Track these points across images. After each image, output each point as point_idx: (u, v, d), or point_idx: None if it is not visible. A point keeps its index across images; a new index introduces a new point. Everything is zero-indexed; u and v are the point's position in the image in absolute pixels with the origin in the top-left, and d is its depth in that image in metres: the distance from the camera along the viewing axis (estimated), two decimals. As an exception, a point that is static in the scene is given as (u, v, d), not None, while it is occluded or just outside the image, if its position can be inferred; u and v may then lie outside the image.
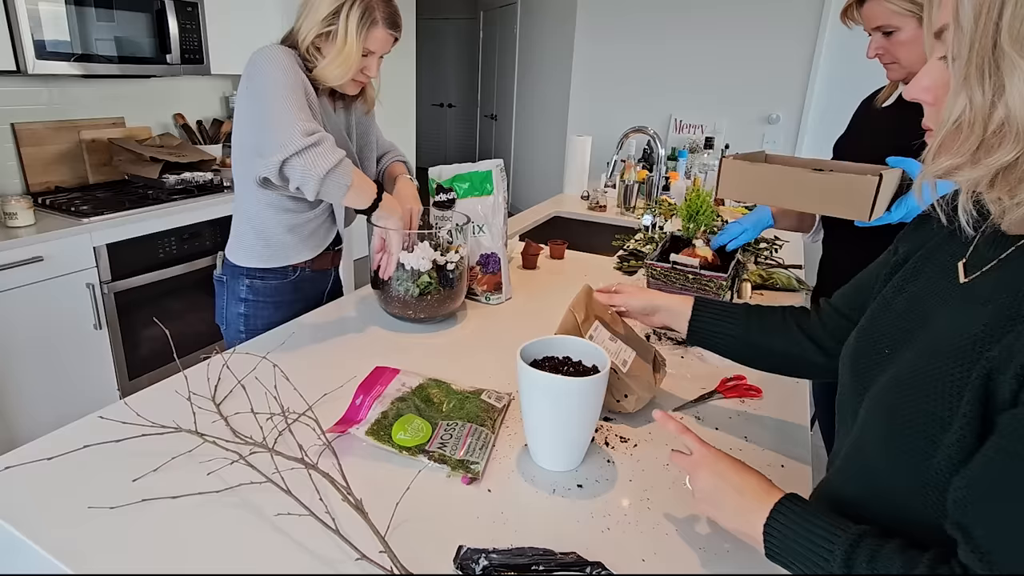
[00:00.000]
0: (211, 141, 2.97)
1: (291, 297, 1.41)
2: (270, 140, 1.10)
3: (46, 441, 0.87)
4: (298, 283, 1.41)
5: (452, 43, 6.92)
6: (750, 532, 0.64)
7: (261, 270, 1.36)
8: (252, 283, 1.37)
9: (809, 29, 3.76)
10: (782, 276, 1.67)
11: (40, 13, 2.01)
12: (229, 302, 1.40)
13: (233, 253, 1.38)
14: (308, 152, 1.09)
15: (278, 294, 1.39)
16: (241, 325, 1.39)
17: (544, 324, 1.37)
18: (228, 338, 1.42)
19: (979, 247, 0.60)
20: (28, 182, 2.34)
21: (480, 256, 1.46)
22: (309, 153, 1.09)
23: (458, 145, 7.26)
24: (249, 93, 1.19)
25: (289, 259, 1.37)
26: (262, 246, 1.35)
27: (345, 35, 1.20)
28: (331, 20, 1.20)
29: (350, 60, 1.22)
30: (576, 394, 0.81)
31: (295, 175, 1.10)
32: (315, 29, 1.21)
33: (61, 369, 2.10)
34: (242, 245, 1.36)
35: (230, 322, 1.41)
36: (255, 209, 1.33)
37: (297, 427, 0.91)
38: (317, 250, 1.41)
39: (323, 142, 1.12)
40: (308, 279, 1.43)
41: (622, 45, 4.36)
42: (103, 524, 0.72)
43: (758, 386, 1.11)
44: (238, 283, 1.38)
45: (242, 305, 1.38)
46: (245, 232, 1.35)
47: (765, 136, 4.05)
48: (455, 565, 0.66)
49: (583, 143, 2.78)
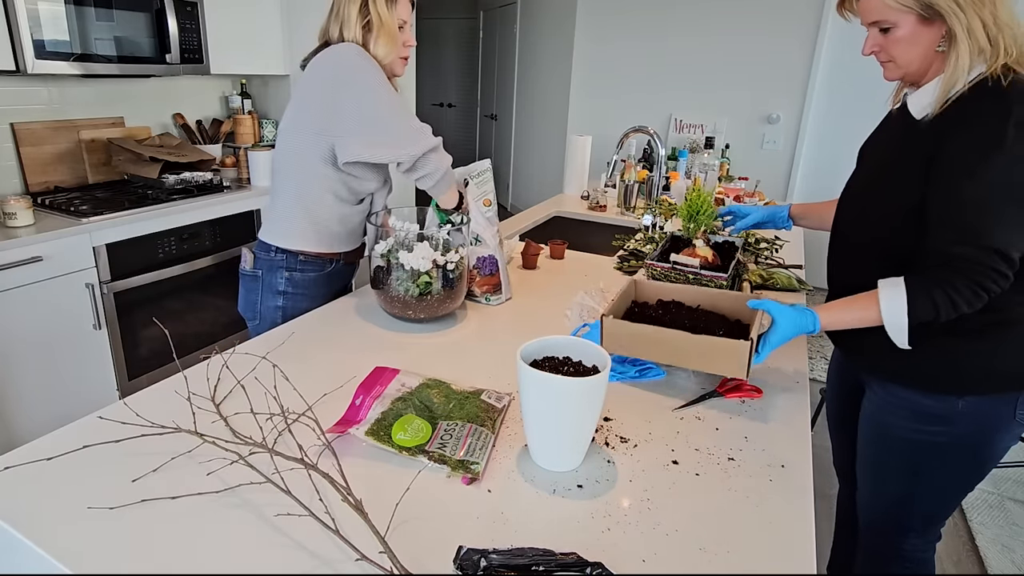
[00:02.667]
0: (211, 141, 2.96)
1: (324, 290, 1.48)
2: (401, 133, 1.28)
3: (46, 441, 0.87)
4: (332, 275, 1.49)
5: (452, 43, 6.91)
6: None
7: (302, 262, 1.43)
8: (291, 275, 1.43)
9: (809, 29, 3.76)
10: (782, 276, 1.66)
11: (40, 13, 2.01)
12: (265, 296, 1.45)
13: (279, 237, 1.42)
14: (440, 150, 1.32)
15: (315, 287, 1.46)
16: (279, 318, 1.44)
17: (544, 324, 1.37)
18: (261, 331, 1.45)
19: None
20: (27, 182, 2.34)
21: (477, 259, 1.46)
22: (440, 151, 1.32)
23: (458, 145, 7.24)
24: (336, 82, 1.29)
25: (333, 247, 1.45)
26: (313, 232, 1.41)
27: (379, 16, 1.33)
28: (365, 12, 1.33)
29: (393, 35, 1.36)
30: (576, 394, 0.81)
31: (428, 167, 1.31)
32: (356, 26, 1.33)
33: (60, 369, 2.10)
34: (293, 229, 1.41)
35: (265, 316, 1.46)
36: (316, 194, 1.39)
37: (297, 427, 0.91)
38: (356, 243, 1.50)
39: (441, 143, 1.32)
40: (339, 272, 1.50)
41: (622, 45, 4.36)
42: (103, 524, 0.72)
43: (758, 386, 1.11)
44: (275, 276, 1.43)
45: (280, 298, 1.44)
46: (296, 216, 1.41)
47: (765, 136, 4.05)
48: (455, 565, 0.66)
49: (583, 143, 2.78)
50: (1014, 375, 1.05)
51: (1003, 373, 1.05)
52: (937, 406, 1.08)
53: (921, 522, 1.20)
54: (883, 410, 1.16)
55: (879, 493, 1.22)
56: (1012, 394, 1.06)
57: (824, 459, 1.63)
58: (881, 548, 1.26)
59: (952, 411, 1.07)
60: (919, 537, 1.22)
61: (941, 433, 1.09)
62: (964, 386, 1.06)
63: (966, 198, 0.93)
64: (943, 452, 1.11)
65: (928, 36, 0.97)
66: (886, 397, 1.15)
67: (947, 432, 1.09)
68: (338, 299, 1.48)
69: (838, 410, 1.43)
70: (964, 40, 0.93)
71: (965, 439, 1.09)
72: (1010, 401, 1.06)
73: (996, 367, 1.04)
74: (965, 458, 1.11)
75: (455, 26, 6.80)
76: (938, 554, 1.97)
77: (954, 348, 1.04)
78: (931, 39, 0.97)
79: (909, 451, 1.13)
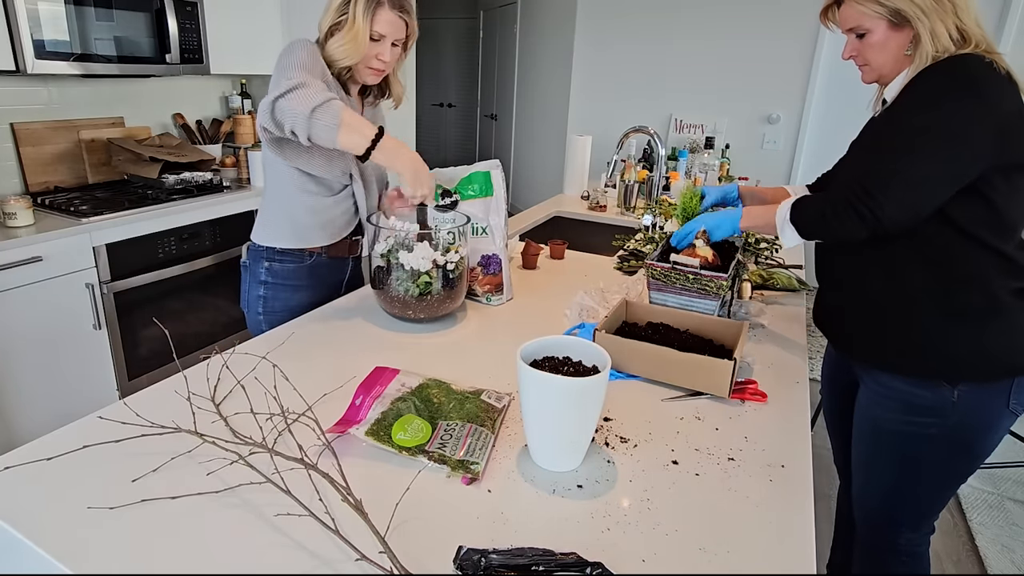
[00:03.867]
0: (210, 141, 2.96)
1: (307, 282, 1.47)
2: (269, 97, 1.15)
3: (46, 441, 0.87)
4: (314, 268, 1.47)
5: (452, 43, 6.91)
6: None
7: (280, 252, 1.43)
8: (271, 266, 1.44)
9: (809, 29, 3.76)
10: (782, 276, 1.66)
11: (39, 13, 2.01)
12: (251, 285, 1.47)
13: (258, 233, 1.45)
14: (295, 92, 1.12)
15: (295, 277, 1.45)
16: (260, 307, 1.46)
17: (544, 324, 1.37)
18: (249, 320, 1.50)
19: None
20: (27, 182, 2.34)
21: (481, 257, 1.46)
22: (296, 93, 1.12)
23: (458, 145, 7.25)
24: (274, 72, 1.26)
25: (308, 241, 1.43)
26: (288, 226, 1.41)
27: (353, 17, 1.28)
28: (343, 8, 1.29)
29: (357, 40, 1.29)
30: (576, 394, 0.81)
31: (285, 117, 1.13)
32: (330, 19, 1.31)
33: (60, 369, 2.10)
34: (268, 225, 1.43)
35: (251, 304, 1.47)
36: (285, 190, 1.39)
37: (297, 427, 0.91)
38: (335, 237, 1.47)
39: (310, 84, 1.14)
40: (324, 265, 1.49)
41: (622, 45, 4.36)
42: (103, 524, 0.72)
43: (765, 392, 1.11)
44: (259, 266, 1.45)
45: (261, 288, 1.45)
46: (275, 212, 1.42)
47: (765, 136, 4.05)
48: (455, 565, 0.66)
49: (583, 143, 2.78)
50: (1006, 361, 1.07)
51: (995, 358, 1.06)
52: (930, 397, 1.09)
53: (913, 516, 1.21)
54: (876, 404, 1.18)
55: (872, 487, 1.23)
56: (1005, 382, 1.08)
57: (824, 459, 1.63)
58: (876, 543, 1.27)
59: (945, 403, 1.09)
60: (913, 531, 1.23)
61: (933, 425, 1.11)
62: (958, 371, 1.08)
63: (882, 144, 1.08)
64: (934, 445, 1.12)
65: (897, 40, 1.08)
66: (879, 390, 1.16)
67: (938, 424, 1.10)
68: (338, 299, 1.48)
69: (834, 407, 1.44)
70: (928, 43, 1.03)
71: (956, 432, 1.10)
72: (1003, 391, 1.08)
73: (988, 350, 1.06)
74: (956, 451, 1.13)
75: (455, 26, 6.80)
76: (938, 554, 1.98)
77: (943, 333, 1.07)
78: (900, 43, 1.08)
79: (900, 444, 1.15)
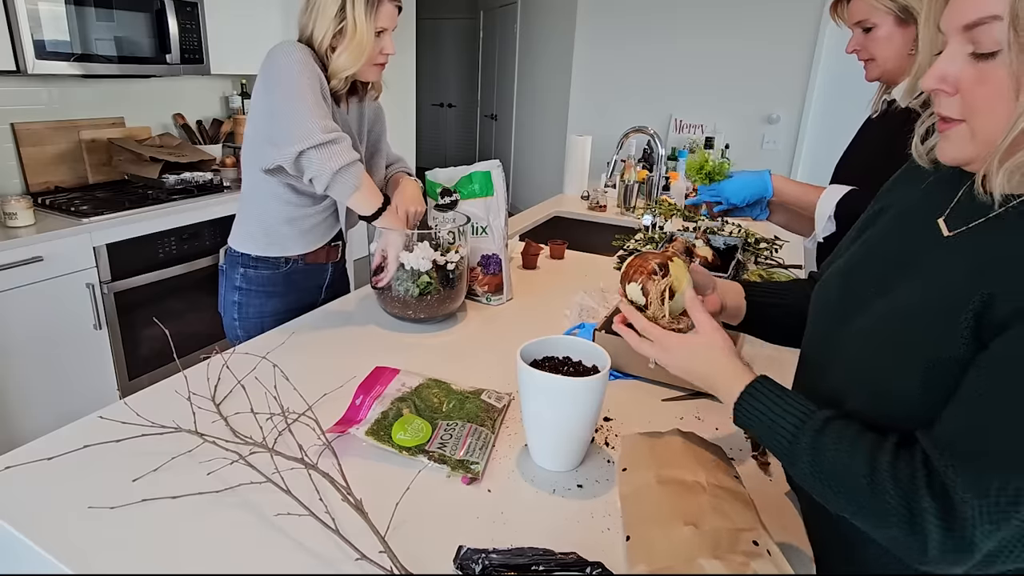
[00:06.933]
0: (211, 141, 2.96)
1: (283, 288, 1.44)
2: (289, 131, 1.15)
3: (46, 441, 0.87)
4: (290, 275, 1.44)
5: (452, 43, 6.91)
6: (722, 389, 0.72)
7: (255, 259, 1.40)
8: (246, 272, 1.41)
9: (809, 29, 3.75)
10: (782, 276, 1.67)
11: (40, 13, 2.01)
12: (227, 290, 1.45)
13: (234, 239, 1.43)
14: (327, 147, 1.16)
15: (270, 284, 1.43)
16: (235, 313, 1.44)
17: (544, 324, 1.37)
18: (226, 324, 1.48)
19: (961, 203, 0.63)
20: (28, 182, 2.34)
21: (481, 257, 1.46)
22: (327, 148, 1.16)
23: (458, 145, 7.25)
24: (265, 86, 1.22)
25: (285, 250, 1.41)
26: (262, 234, 1.39)
27: (355, 23, 1.24)
28: (341, 16, 1.24)
29: (363, 45, 1.26)
30: (576, 394, 0.81)
31: (311, 167, 1.16)
32: (329, 30, 1.24)
33: (61, 369, 2.10)
34: (243, 232, 1.41)
35: (227, 309, 1.46)
36: (262, 199, 1.36)
37: (297, 427, 0.91)
38: (314, 245, 1.44)
39: (341, 141, 1.18)
40: (300, 271, 1.46)
41: (622, 45, 4.36)
42: (103, 524, 0.72)
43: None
44: (234, 271, 1.42)
45: (236, 293, 1.43)
46: (249, 219, 1.40)
47: (765, 136, 4.05)
48: (455, 565, 0.66)
49: (583, 143, 2.78)
50: None
51: None
52: None
53: None
54: None
55: None
56: None
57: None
58: None
59: None
60: None
61: None
62: None
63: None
64: None
65: (903, 37, 1.09)
66: None
67: None
68: (337, 299, 1.48)
69: None
70: None
71: None
72: None
73: None
74: None
75: (455, 26, 6.80)
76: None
77: None
78: (905, 40, 1.09)
79: None
